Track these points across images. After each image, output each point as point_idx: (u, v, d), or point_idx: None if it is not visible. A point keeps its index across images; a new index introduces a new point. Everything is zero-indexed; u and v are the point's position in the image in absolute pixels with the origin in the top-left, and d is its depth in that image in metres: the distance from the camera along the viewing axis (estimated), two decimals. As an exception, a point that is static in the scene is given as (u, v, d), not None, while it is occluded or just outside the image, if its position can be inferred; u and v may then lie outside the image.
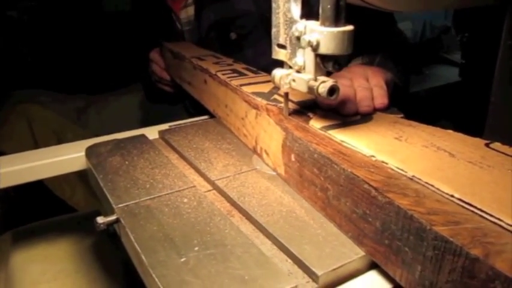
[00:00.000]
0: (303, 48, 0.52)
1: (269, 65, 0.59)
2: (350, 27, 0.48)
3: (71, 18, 2.10)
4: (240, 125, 0.72)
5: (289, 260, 0.47)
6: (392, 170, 0.45)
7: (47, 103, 1.88)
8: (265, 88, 0.70)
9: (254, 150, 0.67)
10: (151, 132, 0.80)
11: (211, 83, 0.81)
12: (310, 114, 0.61)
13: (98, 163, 0.66)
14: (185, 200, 0.56)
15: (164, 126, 0.83)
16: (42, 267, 0.85)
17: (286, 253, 0.47)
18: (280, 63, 0.58)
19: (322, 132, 0.55)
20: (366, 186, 0.42)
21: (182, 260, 0.44)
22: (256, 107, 0.65)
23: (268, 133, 0.62)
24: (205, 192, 0.60)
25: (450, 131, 0.53)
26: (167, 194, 0.57)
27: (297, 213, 0.53)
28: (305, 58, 0.53)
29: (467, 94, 1.94)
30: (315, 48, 0.49)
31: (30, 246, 0.89)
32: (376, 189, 0.41)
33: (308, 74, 0.53)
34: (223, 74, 0.78)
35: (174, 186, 0.59)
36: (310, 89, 0.52)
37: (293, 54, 0.54)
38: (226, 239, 0.48)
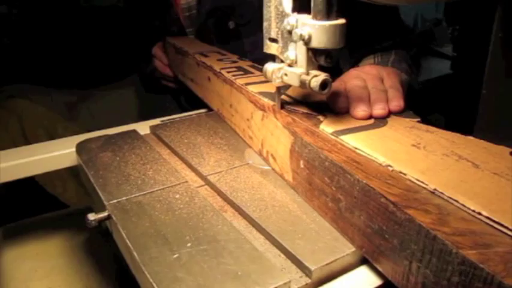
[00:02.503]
0: (295, 42, 0.51)
1: (267, 56, 0.57)
2: (342, 21, 0.48)
3: (61, 12, 2.08)
4: (245, 126, 0.69)
5: (282, 255, 0.47)
6: (412, 181, 0.41)
7: (37, 98, 1.86)
8: (272, 88, 0.65)
9: (260, 154, 0.65)
10: (143, 128, 0.80)
11: (215, 81, 0.79)
12: (320, 117, 0.58)
13: (88, 159, 0.65)
14: (177, 196, 0.55)
15: (156, 121, 0.83)
16: (33, 264, 0.84)
17: (279, 248, 0.47)
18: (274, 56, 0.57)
19: (334, 138, 0.52)
20: (382, 200, 0.39)
21: (174, 256, 0.44)
22: (262, 108, 0.62)
23: (276, 136, 0.59)
24: (198, 187, 0.60)
25: (471, 138, 0.50)
26: (159, 189, 0.57)
27: (289, 207, 0.53)
28: (297, 52, 0.52)
29: (459, 87, 1.94)
30: (306, 42, 0.49)
31: (21, 243, 0.89)
32: (394, 204, 0.38)
33: (300, 68, 0.52)
34: (227, 72, 0.76)
35: (166, 182, 0.59)
36: (302, 83, 0.52)
37: (285, 48, 0.54)
38: (218, 234, 0.47)
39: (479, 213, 0.36)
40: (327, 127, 0.54)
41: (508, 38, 0.82)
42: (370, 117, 0.57)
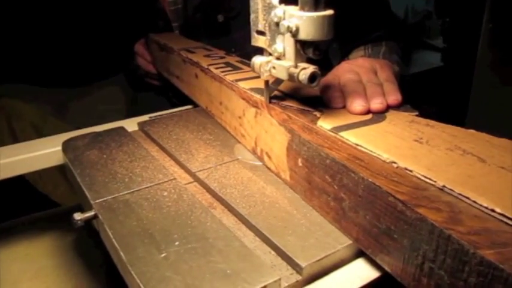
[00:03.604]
0: (283, 34, 0.50)
1: (257, 51, 0.56)
2: (330, 12, 0.47)
3: (49, 9, 2.05)
4: (237, 124, 0.67)
5: (273, 252, 0.46)
6: (418, 178, 0.40)
7: (26, 97, 1.84)
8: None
9: (253, 152, 0.63)
10: (131, 125, 0.78)
11: (203, 78, 0.77)
12: (317, 113, 0.56)
13: (75, 157, 0.64)
14: (165, 193, 0.54)
15: (144, 118, 0.81)
16: (22, 265, 0.83)
17: (269, 245, 0.46)
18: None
19: (333, 134, 0.50)
20: (390, 198, 0.37)
21: (162, 255, 0.43)
22: (255, 105, 0.60)
23: (271, 134, 0.57)
24: (186, 184, 0.59)
25: (473, 131, 0.48)
26: (147, 187, 0.56)
27: (280, 203, 0.52)
28: (285, 44, 0.51)
29: (450, 79, 1.94)
30: (294, 34, 0.48)
31: (9, 244, 0.87)
32: (403, 203, 0.36)
33: (288, 61, 0.51)
34: (216, 68, 0.73)
35: (154, 179, 0.57)
36: (291, 76, 0.51)
37: (272, 40, 0.53)
38: (207, 232, 0.46)
39: (493, 210, 0.34)
40: (324, 123, 0.52)
41: (498, 28, 0.82)
42: (368, 112, 0.55)
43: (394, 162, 0.42)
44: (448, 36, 2.21)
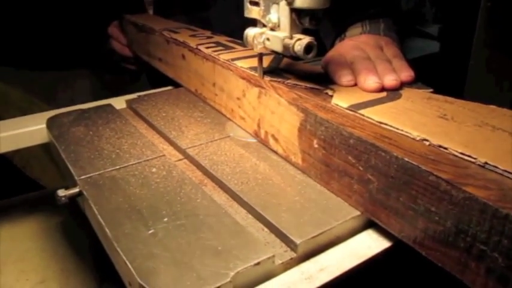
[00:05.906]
0: (277, 3, 0.48)
1: (238, 25, 0.53)
2: (327, -22, 0.45)
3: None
4: (234, 106, 0.63)
5: (266, 229, 0.44)
6: (456, 156, 0.37)
7: (12, 80, 1.80)
8: (266, 62, 0.60)
9: (256, 136, 0.59)
10: (119, 102, 0.76)
11: (191, 59, 0.72)
12: (328, 91, 0.52)
13: (59, 134, 0.61)
14: (154, 170, 0.52)
15: (132, 96, 0.79)
16: (7, 247, 0.81)
17: (262, 222, 0.45)
18: (251, 23, 0.54)
19: (352, 113, 0.46)
20: (432, 178, 0.35)
21: (150, 232, 0.41)
22: (258, 85, 0.56)
23: (278, 115, 0.53)
24: (176, 161, 0.57)
25: (494, 107, 0.46)
26: (134, 163, 0.53)
27: (273, 180, 0.50)
28: (280, 14, 0.49)
29: (446, 64, 1.93)
30: (290, 2, 0.46)
31: (-6, 226, 0.85)
32: (448, 182, 0.33)
33: (283, 32, 0.49)
34: (206, 48, 0.70)
35: (142, 156, 0.55)
36: (286, 48, 0.48)
37: (267, 10, 0.50)
38: (197, 208, 0.44)
39: None
40: (340, 101, 0.48)
41: (496, 6, 0.80)
42: (382, 89, 0.52)
43: (426, 140, 0.40)
44: (442, 22, 2.20)
